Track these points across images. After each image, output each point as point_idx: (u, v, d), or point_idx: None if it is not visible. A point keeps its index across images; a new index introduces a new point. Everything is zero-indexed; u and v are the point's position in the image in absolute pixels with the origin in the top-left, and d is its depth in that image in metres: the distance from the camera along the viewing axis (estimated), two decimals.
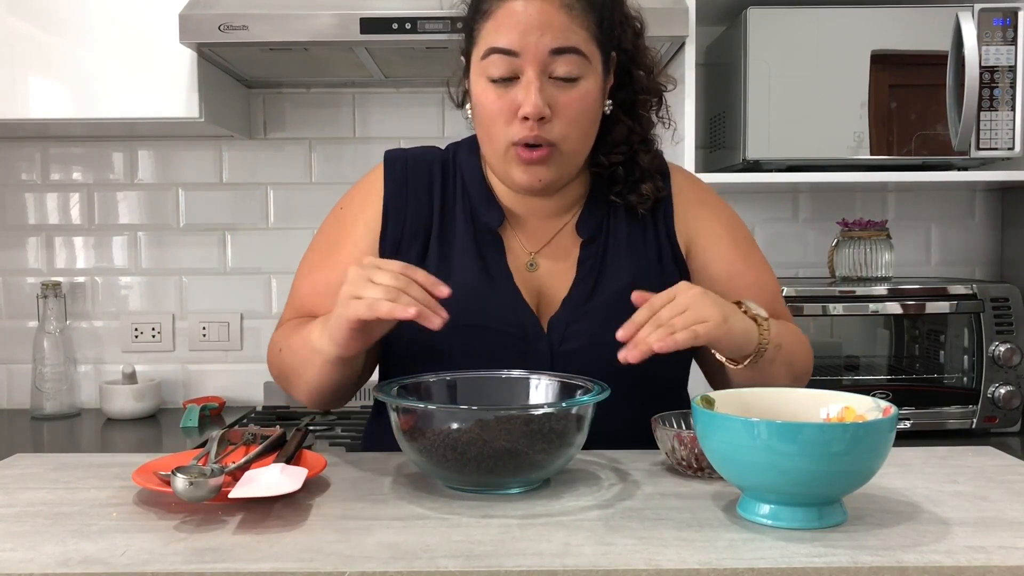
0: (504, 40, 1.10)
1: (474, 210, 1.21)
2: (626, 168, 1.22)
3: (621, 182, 1.22)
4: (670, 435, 1.00)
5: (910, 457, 1.07)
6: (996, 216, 2.34)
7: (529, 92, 1.09)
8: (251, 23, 1.77)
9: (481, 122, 1.16)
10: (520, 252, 1.22)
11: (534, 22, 1.09)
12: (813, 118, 1.92)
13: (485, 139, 1.17)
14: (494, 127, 1.13)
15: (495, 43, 1.10)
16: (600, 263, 1.21)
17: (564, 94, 1.11)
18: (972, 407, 1.92)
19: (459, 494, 0.94)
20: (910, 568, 0.74)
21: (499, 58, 1.10)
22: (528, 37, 1.09)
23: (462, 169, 1.24)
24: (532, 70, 1.10)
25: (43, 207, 2.32)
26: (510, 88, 1.11)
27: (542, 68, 1.10)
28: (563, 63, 1.10)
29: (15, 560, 0.77)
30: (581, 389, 1.00)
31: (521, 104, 1.10)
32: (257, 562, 0.75)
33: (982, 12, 1.88)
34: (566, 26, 1.10)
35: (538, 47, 1.09)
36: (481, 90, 1.13)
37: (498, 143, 1.14)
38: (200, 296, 2.33)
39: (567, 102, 1.11)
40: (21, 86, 1.93)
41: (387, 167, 1.25)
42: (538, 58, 1.09)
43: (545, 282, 1.21)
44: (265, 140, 2.32)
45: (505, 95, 1.11)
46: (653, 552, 0.77)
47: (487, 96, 1.12)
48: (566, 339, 1.16)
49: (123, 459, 1.07)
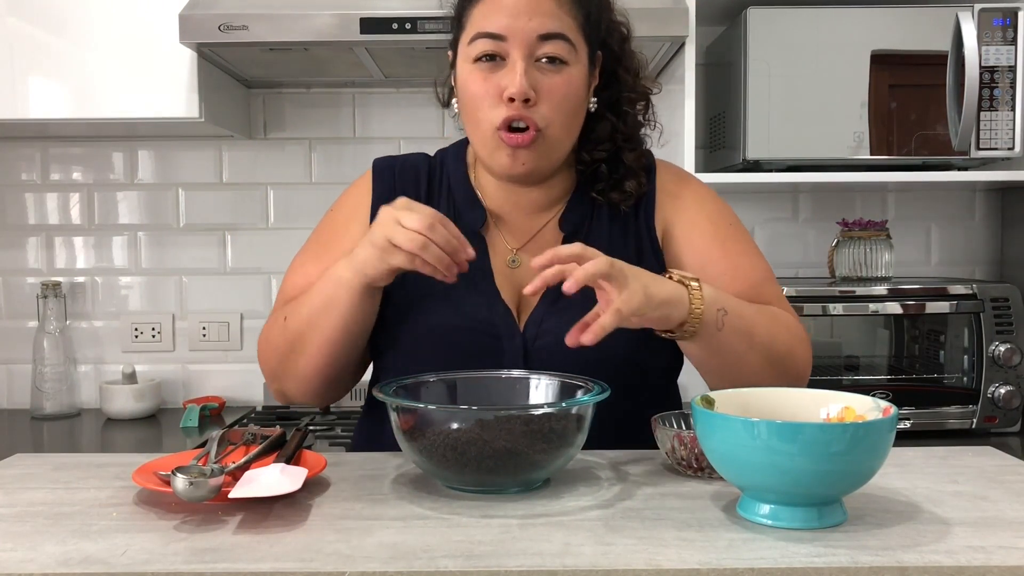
0: (492, 24, 1.11)
1: (458, 212, 1.22)
2: (610, 166, 1.23)
3: (604, 180, 1.23)
4: (670, 435, 1.00)
5: (910, 457, 1.07)
6: (996, 216, 2.34)
7: (514, 73, 1.11)
8: (251, 23, 1.77)
9: (467, 107, 1.17)
10: (503, 250, 1.23)
11: (522, 7, 1.11)
12: (813, 118, 1.92)
13: (471, 124, 1.18)
14: (479, 111, 1.14)
15: (483, 27, 1.12)
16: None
17: (549, 78, 1.13)
18: (972, 407, 1.92)
19: (459, 494, 0.94)
20: (910, 568, 0.74)
21: (486, 41, 1.12)
22: (516, 21, 1.11)
23: (448, 173, 1.26)
24: (518, 52, 1.11)
25: (43, 207, 2.32)
26: (496, 71, 1.13)
27: (528, 52, 1.12)
28: (549, 47, 1.12)
29: (15, 560, 0.77)
30: (581, 389, 1.00)
31: (506, 86, 1.11)
32: (257, 562, 0.75)
33: (982, 12, 1.88)
34: (554, 12, 1.12)
35: (525, 31, 1.11)
36: (467, 73, 1.15)
37: (484, 127, 1.15)
38: (200, 296, 2.33)
39: (552, 86, 1.13)
40: (21, 86, 1.93)
41: (376, 174, 1.27)
42: (525, 42, 1.11)
43: (524, 278, 1.20)
44: (265, 140, 2.32)
45: (491, 77, 1.13)
46: (653, 552, 0.77)
47: (473, 78, 1.14)
48: (540, 335, 1.16)
49: (123, 459, 1.07)
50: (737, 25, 1.96)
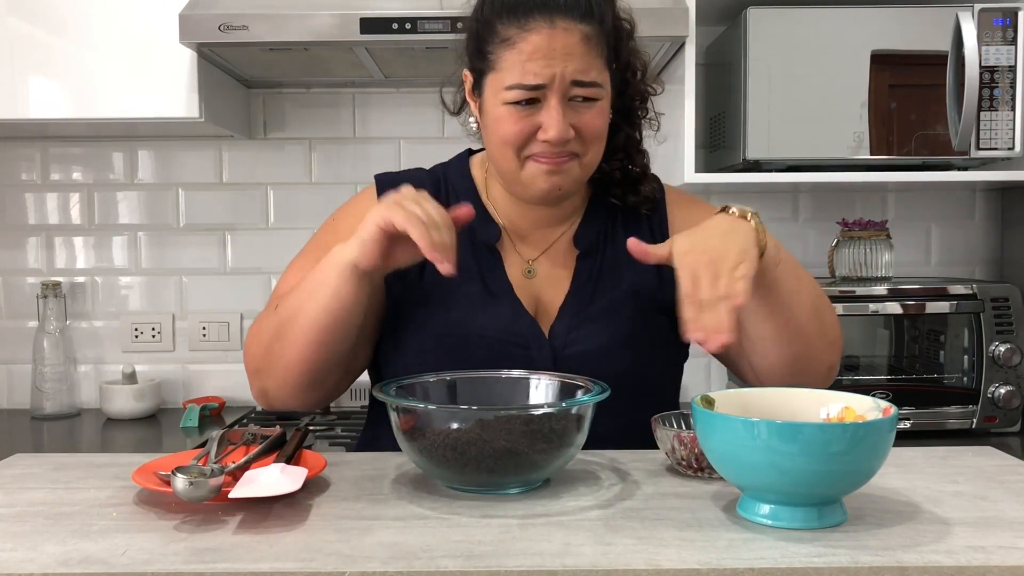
0: (531, 77, 1.11)
1: (470, 228, 1.22)
2: (622, 172, 1.25)
3: (619, 185, 1.25)
4: (670, 435, 1.00)
5: (910, 457, 1.07)
6: (996, 216, 2.34)
7: (552, 117, 1.11)
8: (251, 23, 1.77)
9: (497, 141, 1.17)
10: (518, 261, 1.24)
11: (558, 55, 1.11)
12: (813, 118, 1.91)
13: (500, 156, 1.18)
14: (514, 147, 1.15)
15: (522, 80, 1.11)
16: (598, 271, 1.23)
17: (583, 115, 1.14)
18: (972, 407, 1.92)
19: (459, 494, 0.94)
20: (910, 568, 0.74)
21: (524, 92, 1.12)
22: (553, 69, 1.11)
23: (455, 189, 1.27)
24: (555, 99, 1.12)
25: (43, 207, 2.32)
26: (531, 111, 1.13)
27: (564, 95, 1.12)
28: (583, 91, 1.13)
29: (15, 560, 0.77)
30: (581, 389, 1.00)
31: (543, 126, 1.12)
32: (257, 562, 0.75)
33: (982, 12, 1.88)
34: (585, 57, 1.12)
35: (562, 77, 1.11)
36: (502, 113, 1.14)
37: (513, 157, 1.16)
38: (200, 296, 2.33)
39: (587, 121, 1.14)
40: (21, 86, 1.93)
41: (380, 189, 1.26)
42: (562, 89, 1.12)
43: (542, 288, 1.23)
44: (265, 140, 2.32)
45: (526, 118, 1.13)
46: (653, 552, 0.77)
47: (508, 119, 1.14)
48: (568, 344, 1.17)
49: (123, 459, 1.07)
50: (737, 25, 1.96)
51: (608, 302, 1.20)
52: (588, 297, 1.21)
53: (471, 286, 1.19)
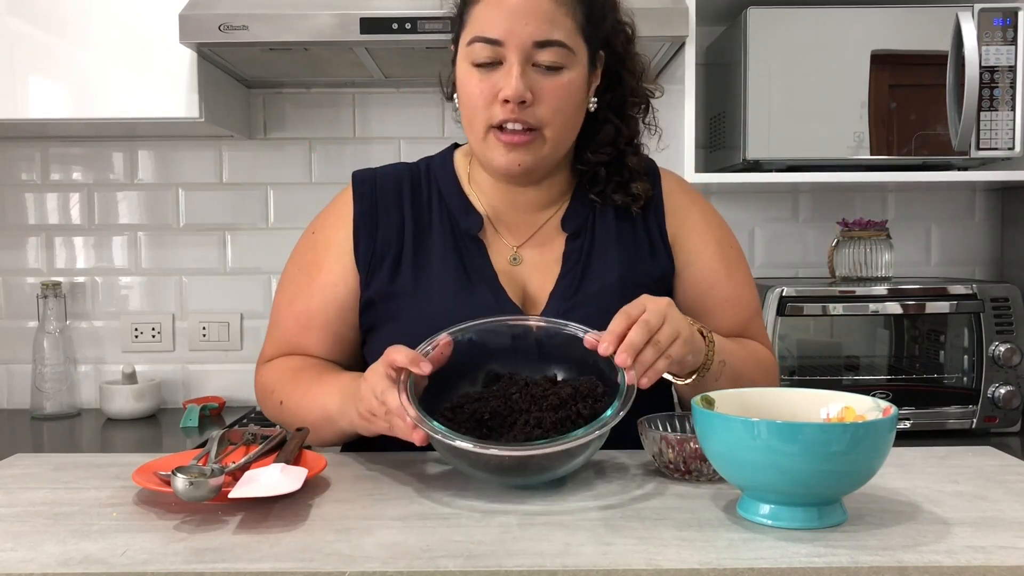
0: (490, 29, 1.11)
1: (453, 219, 1.22)
2: (613, 169, 1.23)
3: (603, 183, 1.23)
4: (657, 438, 0.99)
5: (910, 457, 1.07)
6: (996, 216, 2.34)
7: (510, 77, 1.11)
8: (251, 23, 1.77)
9: (464, 106, 1.17)
10: (503, 249, 1.23)
11: (520, 11, 1.10)
12: (813, 118, 1.91)
13: (467, 123, 1.18)
14: (475, 110, 1.15)
15: (481, 32, 1.12)
16: (587, 257, 1.21)
17: (547, 81, 1.13)
18: (972, 407, 1.92)
19: (459, 494, 0.94)
20: (910, 568, 0.74)
21: (483, 46, 1.12)
22: (513, 26, 1.10)
23: (437, 181, 1.26)
24: (514, 56, 1.11)
25: (43, 207, 2.32)
26: (493, 73, 1.13)
27: (525, 56, 1.12)
28: (547, 54, 1.12)
29: (15, 560, 0.77)
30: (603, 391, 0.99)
31: (502, 88, 1.11)
32: (257, 562, 0.75)
33: (982, 12, 1.88)
34: (551, 17, 1.11)
35: (521, 37, 1.11)
36: (465, 74, 1.15)
37: (478, 127, 1.15)
38: (200, 296, 2.33)
39: (549, 88, 1.13)
40: (21, 86, 1.93)
41: (355, 187, 1.26)
42: (521, 47, 1.11)
43: (529, 275, 1.22)
44: (265, 140, 2.32)
45: (487, 79, 1.13)
46: (653, 552, 0.77)
47: (470, 80, 1.14)
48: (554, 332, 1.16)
49: (123, 459, 1.08)
50: (737, 25, 1.96)
51: (599, 289, 1.18)
52: (577, 284, 1.19)
53: (451, 276, 1.19)
